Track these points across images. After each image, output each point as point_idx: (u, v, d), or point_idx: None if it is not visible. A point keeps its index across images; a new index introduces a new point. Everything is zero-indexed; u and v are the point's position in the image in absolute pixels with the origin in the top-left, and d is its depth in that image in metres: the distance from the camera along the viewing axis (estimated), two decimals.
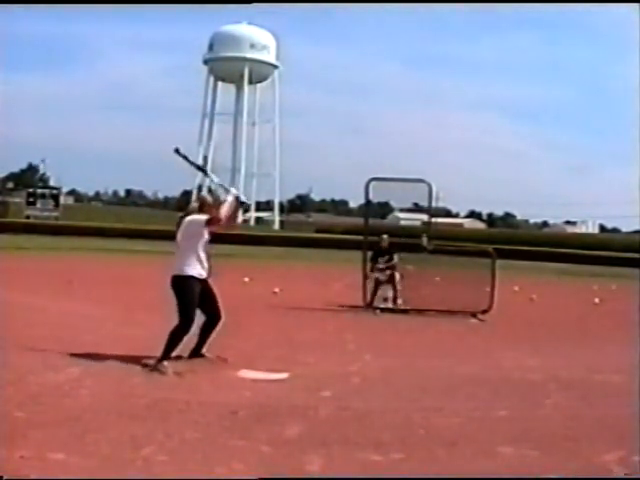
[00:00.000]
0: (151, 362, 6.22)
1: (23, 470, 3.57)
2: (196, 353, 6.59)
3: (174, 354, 6.37)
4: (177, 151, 6.58)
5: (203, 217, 6.35)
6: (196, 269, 6.36)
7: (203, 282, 6.44)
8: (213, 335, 6.61)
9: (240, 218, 6.60)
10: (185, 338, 6.38)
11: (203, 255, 6.43)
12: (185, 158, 6.69)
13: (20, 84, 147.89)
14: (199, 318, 6.51)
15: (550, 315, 13.52)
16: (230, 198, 6.42)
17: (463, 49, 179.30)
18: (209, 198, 6.78)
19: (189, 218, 6.46)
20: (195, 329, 6.47)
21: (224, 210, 6.34)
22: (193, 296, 6.35)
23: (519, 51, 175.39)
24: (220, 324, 6.61)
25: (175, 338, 6.30)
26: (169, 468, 3.77)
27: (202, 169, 7.63)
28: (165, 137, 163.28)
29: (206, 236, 6.42)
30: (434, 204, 13.89)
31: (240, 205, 6.58)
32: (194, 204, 6.72)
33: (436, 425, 4.81)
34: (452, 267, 13.47)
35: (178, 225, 6.51)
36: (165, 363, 6.20)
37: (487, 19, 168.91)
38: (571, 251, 44.80)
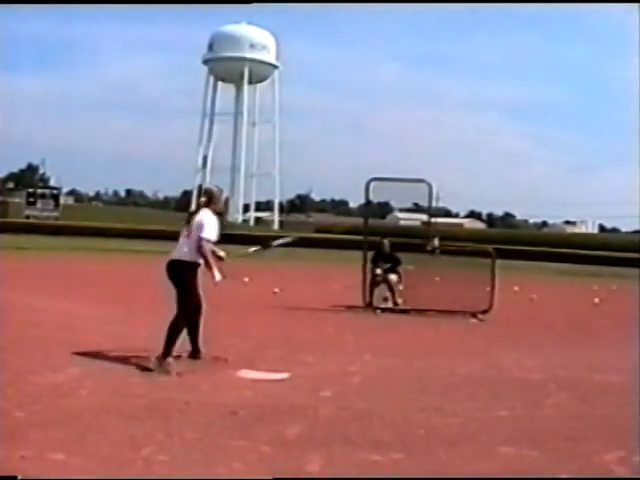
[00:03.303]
0: (151, 365, 6.19)
1: (23, 470, 3.57)
2: (195, 352, 6.59)
3: (175, 354, 6.38)
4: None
5: (205, 232, 6.32)
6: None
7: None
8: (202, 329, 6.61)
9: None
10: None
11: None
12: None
13: (20, 84, 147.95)
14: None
15: (550, 315, 13.52)
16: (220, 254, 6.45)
17: (463, 49, 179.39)
18: (215, 189, 6.76)
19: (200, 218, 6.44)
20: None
21: (209, 255, 6.31)
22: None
23: (519, 51, 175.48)
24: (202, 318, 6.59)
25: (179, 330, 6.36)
26: (169, 468, 3.77)
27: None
28: (165, 137, 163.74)
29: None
30: (434, 204, 13.91)
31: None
32: (202, 199, 6.66)
33: (436, 425, 4.82)
34: (452, 267, 13.47)
35: (188, 222, 6.46)
36: (170, 360, 6.18)
37: (487, 19, 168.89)
38: (571, 251, 44.76)
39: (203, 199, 6.62)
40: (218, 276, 6.28)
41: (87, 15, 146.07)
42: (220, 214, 6.67)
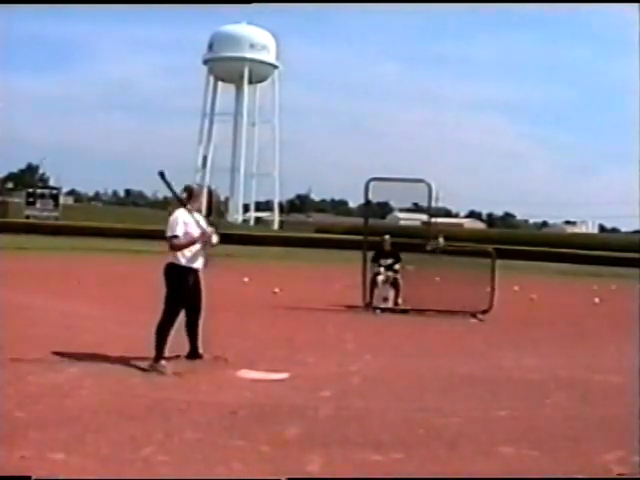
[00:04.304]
0: (146, 365, 6.20)
1: (23, 470, 3.57)
2: (194, 354, 6.59)
3: (174, 354, 6.38)
4: (162, 175, 6.41)
5: (169, 231, 6.29)
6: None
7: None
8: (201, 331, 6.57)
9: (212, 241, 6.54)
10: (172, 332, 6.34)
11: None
12: (168, 185, 6.50)
13: (20, 84, 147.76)
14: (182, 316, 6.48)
15: (550, 315, 13.52)
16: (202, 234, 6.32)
17: (462, 49, 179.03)
18: (196, 187, 6.78)
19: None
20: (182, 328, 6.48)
21: (182, 243, 6.25)
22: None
23: (519, 51, 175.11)
24: (201, 319, 6.55)
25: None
26: (169, 468, 3.77)
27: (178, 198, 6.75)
28: (165, 137, 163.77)
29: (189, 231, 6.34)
30: (434, 204, 13.88)
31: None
32: (182, 194, 6.58)
33: (436, 425, 4.82)
34: (452, 267, 13.47)
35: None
36: (163, 362, 6.19)
37: (486, 19, 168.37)
38: (571, 251, 44.70)
39: (183, 195, 6.56)
40: (215, 238, 6.38)
41: (87, 15, 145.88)
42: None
